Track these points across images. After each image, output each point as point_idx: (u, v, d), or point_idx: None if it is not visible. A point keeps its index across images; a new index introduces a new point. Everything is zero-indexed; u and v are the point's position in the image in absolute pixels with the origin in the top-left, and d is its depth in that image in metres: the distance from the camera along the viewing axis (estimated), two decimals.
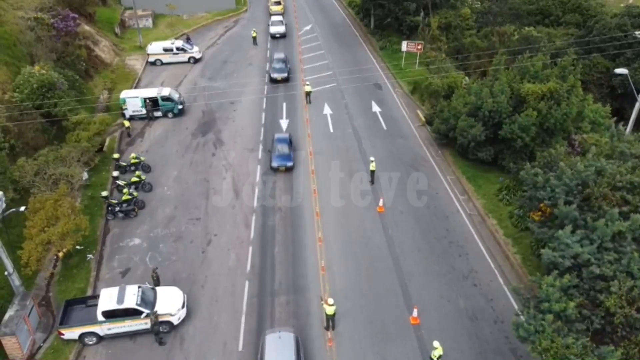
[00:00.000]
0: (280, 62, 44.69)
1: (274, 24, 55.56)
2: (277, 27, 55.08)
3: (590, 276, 15.41)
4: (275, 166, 32.29)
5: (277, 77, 43.42)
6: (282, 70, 43.96)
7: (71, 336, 21.25)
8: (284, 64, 44.55)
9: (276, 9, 61.25)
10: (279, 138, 34.13)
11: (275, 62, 45.14)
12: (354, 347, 21.40)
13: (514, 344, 21.47)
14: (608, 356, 13.90)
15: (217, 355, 21.16)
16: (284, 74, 43.65)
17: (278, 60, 45.24)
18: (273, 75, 43.63)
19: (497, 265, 25.56)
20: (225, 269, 25.37)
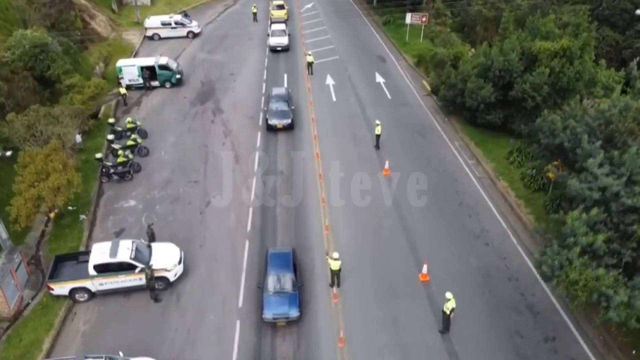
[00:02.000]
0: (281, 102, 32.36)
1: (274, 34, 44.42)
2: (278, 38, 44.17)
3: (620, 209, 14.25)
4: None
5: (276, 123, 31.33)
6: (284, 114, 31.70)
7: (61, 292, 20.04)
8: (285, 103, 32.28)
9: (278, 15, 51.02)
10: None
11: (274, 100, 32.44)
12: (361, 304, 20.21)
13: (530, 301, 20.35)
14: None
15: (216, 311, 19.97)
16: (286, 119, 31.49)
17: (278, 98, 32.63)
18: (271, 121, 31.35)
19: (510, 226, 24.37)
20: (225, 229, 24.17)
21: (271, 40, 44.26)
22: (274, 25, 46.38)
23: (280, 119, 31.42)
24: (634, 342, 18.19)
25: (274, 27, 45.82)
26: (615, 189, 14.38)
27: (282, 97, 31.80)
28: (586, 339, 18.74)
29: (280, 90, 32.34)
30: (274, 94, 32.33)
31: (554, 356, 18.15)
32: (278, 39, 44.07)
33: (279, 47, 43.95)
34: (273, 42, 44.10)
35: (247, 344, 18.63)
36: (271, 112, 30.96)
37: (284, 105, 32.09)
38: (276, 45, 43.97)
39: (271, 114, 30.96)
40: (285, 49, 43.92)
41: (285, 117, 31.61)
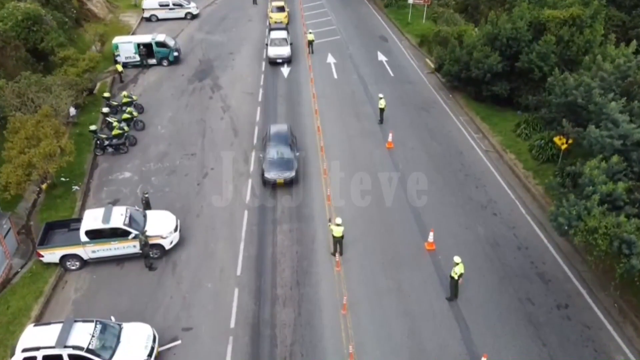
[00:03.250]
0: (282, 145, 24.48)
1: (274, 44, 37.15)
2: (278, 48, 36.83)
3: None
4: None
5: (274, 177, 23.33)
6: (286, 164, 23.65)
7: (51, 259, 19.17)
8: (288, 148, 24.36)
9: (278, 18, 44.07)
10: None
11: (273, 142, 24.69)
12: (365, 272, 19.36)
13: (541, 269, 19.49)
14: None
15: (214, 280, 19.11)
16: (288, 172, 23.46)
17: (278, 139, 24.85)
18: (268, 174, 23.35)
19: (518, 197, 23.51)
20: (224, 202, 23.27)
21: (270, 51, 36.98)
22: (273, 32, 38.50)
23: (281, 170, 23.36)
24: None
25: (273, 35, 38.08)
26: (637, 136, 13.52)
27: (283, 137, 24.94)
28: (600, 306, 17.90)
29: (281, 128, 25.79)
30: (272, 132, 25.35)
31: (567, 323, 17.30)
32: (278, 50, 36.98)
33: (279, 59, 36.72)
34: (272, 53, 36.83)
35: (246, 311, 17.78)
36: (269, 162, 23.57)
37: (285, 150, 24.16)
38: (276, 57, 36.69)
39: (269, 164, 23.47)
40: (287, 61, 37.05)
41: (287, 167, 23.50)
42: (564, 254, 20.11)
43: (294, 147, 25.09)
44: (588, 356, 16.19)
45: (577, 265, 19.61)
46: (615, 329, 17.07)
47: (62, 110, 25.44)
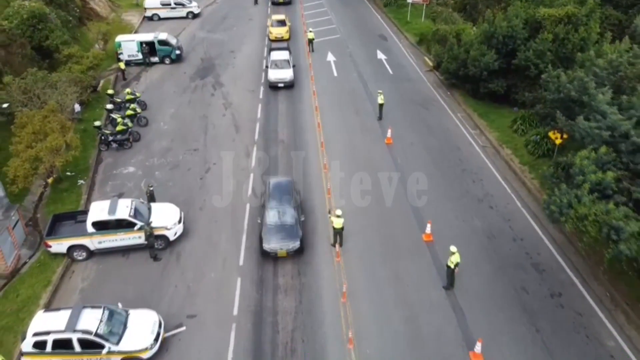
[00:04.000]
0: (285, 204, 20.79)
1: (274, 66, 33.33)
2: (280, 71, 32.99)
3: (630, 149, 13.92)
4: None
5: (276, 248, 19.41)
6: (289, 232, 19.80)
7: (59, 249, 19.69)
8: (291, 210, 20.50)
9: (279, 33, 40.53)
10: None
11: (274, 201, 20.89)
12: (364, 262, 19.88)
13: (535, 260, 20.02)
14: None
15: (217, 269, 19.63)
16: (292, 241, 19.64)
17: (279, 197, 21.05)
18: (268, 244, 19.47)
19: (514, 190, 24.04)
20: (225, 194, 23.78)
21: (271, 75, 32.90)
22: (274, 53, 34.77)
23: (283, 239, 19.50)
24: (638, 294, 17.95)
25: (274, 56, 34.35)
26: (624, 128, 14.05)
27: (285, 195, 21.01)
28: (593, 295, 18.42)
29: (283, 183, 21.82)
30: (272, 187, 21.41)
31: (561, 311, 17.82)
32: (279, 73, 32.83)
33: (280, 83, 32.77)
34: (273, 77, 32.78)
35: (248, 299, 18.29)
36: (268, 228, 19.75)
37: (288, 213, 20.26)
38: (277, 81, 32.71)
39: (268, 232, 19.65)
40: (289, 85, 33.33)
41: (291, 235, 19.60)
42: (558, 245, 20.65)
43: (299, 208, 21.10)
44: (580, 342, 16.71)
45: (571, 256, 20.14)
46: (607, 316, 17.60)
47: (67, 106, 25.96)
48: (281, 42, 39.84)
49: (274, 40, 40.58)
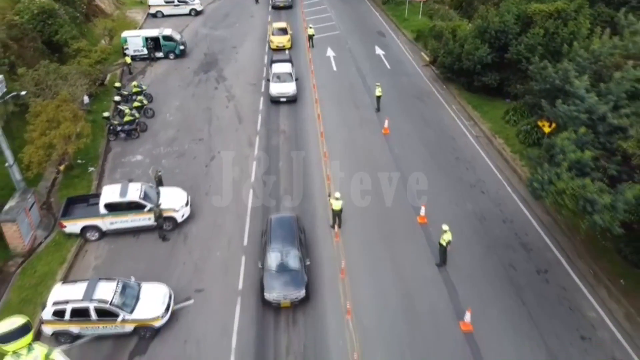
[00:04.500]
0: (287, 245, 18.67)
1: (276, 79, 31.77)
2: (282, 85, 31.42)
3: (607, 130, 15.04)
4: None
5: (276, 298, 17.54)
6: (294, 278, 17.89)
7: (73, 229, 20.82)
8: (295, 251, 18.50)
9: (280, 42, 38.96)
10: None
11: (275, 243, 18.75)
12: (361, 242, 21.00)
13: (523, 240, 21.18)
14: (627, 191, 13.51)
15: (222, 249, 20.76)
16: (296, 291, 17.67)
17: (281, 237, 18.91)
18: (270, 293, 17.57)
19: (505, 177, 25.19)
20: (229, 181, 24.90)
21: (272, 89, 31.28)
22: (275, 66, 32.77)
23: (286, 287, 17.54)
24: (623, 273, 19.09)
25: (275, 68, 32.40)
26: (602, 110, 15.17)
27: (288, 234, 18.95)
28: (577, 271, 19.57)
29: (286, 220, 19.86)
30: (274, 226, 19.40)
31: (546, 285, 18.97)
32: (282, 87, 31.29)
33: (282, 97, 31.26)
34: (275, 91, 31.18)
35: (252, 276, 19.37)
36: (269, 275, 17.85)
37: (291, 256, 18.27)
38: (279, 96, 31.19)
39: (269, 279, 17.76)
40: (292, 100, 31.86)
41: (295, 283, 17.64)
42: (546, 227, 21.80)
43: (304, 249, 19.10)
44: (563, 313, 17.85)
45: (557, 236, 21.30)
46: (590, 291, 18.75)
47: (78, 97, 27.05)
48: (283, 53, 36.97)
49: (275, 50, 38.86)
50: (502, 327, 17.34)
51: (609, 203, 13.36)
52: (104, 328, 16.63)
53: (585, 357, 16.36)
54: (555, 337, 16.97)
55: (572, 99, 16.14)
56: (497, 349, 16.59)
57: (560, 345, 16.73)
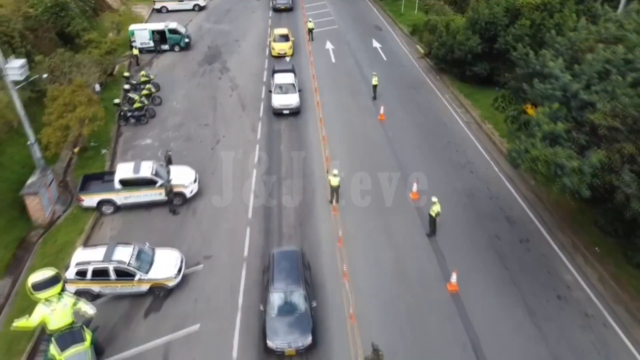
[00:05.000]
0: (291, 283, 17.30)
1: (279, 90, 30.62)
2: (284, 96, 30.32)
3: (579, 105, 16.65)
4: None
5: (280, 346, 16.09)
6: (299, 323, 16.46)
7: (90, 203, 22.42)
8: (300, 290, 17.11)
9: (281, 49, 38.03)
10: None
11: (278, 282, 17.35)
12: (358, 216, 22.60)
13: (507, 213, 22.81)
14: (592, 156, 15.13)
15: (228, 221, 22.36)
16: (302, 337, 16.20)
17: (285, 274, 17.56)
18: (272, 341, 16.14)
19: (493, 159, 26.81)
20: (234, 161, 26.49)
21: (275, 101, 30.13)
22: (277, 76, 31.67)
23: (291, 334, 16.13)
24: (598, 242, 20.73)
25: (277, 79, 31.32)
26: (574, 88, 16.77)
27: (293, 271, 17.60)
28: (556, 241, 21.20)
29: (290, 255, 18.53)
30: (276, 261, 18.10)
31: (527, 253, 20.60)
32: (284, 99, 30.15)
33: (285, 109, 30.08)
34: (277, 103, 30.05)
35: (256, 245, 21.01)
36: (271, 319, 16.50)
37: (296, 294, 16.86)
38: (282, 108, 30.00)
39: (272, 323, 16.39)
40: (295, 112, 30.62)
41: (300, 328, 16.24)
42: (529, 203, 23.44)
43: (310, 290, 17.46)
44: (542, 277, 19.48)
45: (540, 211, 22.93)
46: (567, 258, 20.38)
47: (90, 84, 28.67)
48: (285, 62, 36.12)
49: (277, 57, 38.19)
50: (486, 288, 18.96)
51: (577, 166, 14.97)
52: (122, 288, 18.24)
53: (561, 313, 17.98)
54: (534, 297, 18.60)
55: (549, 79, 17.75)
56: (480, 306, 18.21)
57: (539, 303, 18.35)
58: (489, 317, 17.82)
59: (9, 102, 25.45)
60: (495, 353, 16.55)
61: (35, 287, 14.87)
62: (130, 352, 16.75)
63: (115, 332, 17.44)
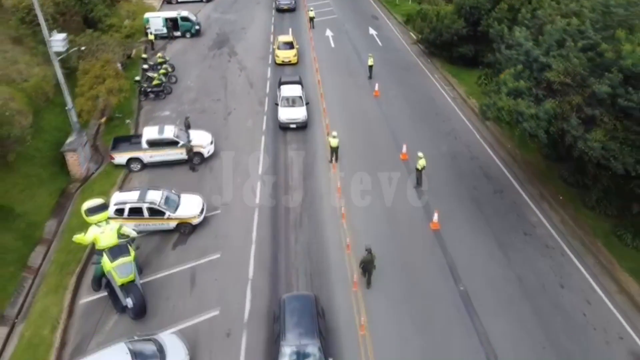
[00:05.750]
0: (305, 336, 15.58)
1: (285, 103, 29.49)
2: (291, 109, 29.22)
3: (539, 67, 19.85)
4: None
5: None
6: None
7: (120, 161, 25.66)
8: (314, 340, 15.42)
9: (286, 56, 37.05)
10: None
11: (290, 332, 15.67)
12: (353, 170, 25.82)
13: (485, 171, 26.11)
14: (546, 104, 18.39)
15: (242, 177, 25.57)
16: None
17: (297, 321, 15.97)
18: None
19: (475, 127, 30.08)
20: (244, 129, 29.76)
21: (281, 114, 28.95)
22: (284, 88, 30.45)
23: None
24: (562, 192, 24.02)
25: (284, 91, 30.13)
26: (535, 53, 20.00)
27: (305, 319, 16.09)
28: (526, 192, 24.49)
29: (301, 301, 16.94)
30: (287, 306, 16.59)
31: (501, 201, 23.88)
32: (291, 112, 29.00)
33: (292, 123, 28.86)
34: (284, 117, 28.87)
35: (267, 194, 24.23)
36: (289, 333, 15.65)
37: (311, 350, 15.31)
38: (289, 122, 28.81)
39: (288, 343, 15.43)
40: (303, 126, 29.36)
41: None
42: (505, 163, 26.72)
43: (324, 342, 15.68)
44: (512, 219, 22.75)
45: (514, 169, 26.20)
46: (535, 205, 23.65)
47: (115, 62, 31.89)
48: (291, 74, 34.53)
49: (281, 65, 37.35)
50: (463, 227, 22.23)
51: (534, 113, 18.20)
52: (154, 224, 21.47)
53: (526, 245, 21.26)
54: (504, 233, 21.88)
55: (515, 46, 21.01)
56: (458, 241, 21.47)
57: (508, 238, 21.63)
58: (464, 248, 21.10)
59: (44, 76, 28.86)
60: (469, 274, 19.82)
61: (89, 211, 18.13)
62: (163, 274, 20.00)
63: (149, 260, 20.67)
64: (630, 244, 20.34)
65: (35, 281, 19.89)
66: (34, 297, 19.13)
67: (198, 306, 18.55)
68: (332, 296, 18.87)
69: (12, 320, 18.18)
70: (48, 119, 27.80)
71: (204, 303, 18.65)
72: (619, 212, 21.97)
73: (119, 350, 15.42)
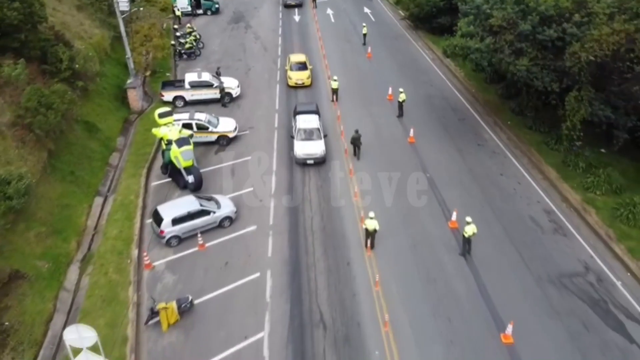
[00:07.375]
0: None
1: (302, 136, 27.17)
2: (308, 143, 26.83)
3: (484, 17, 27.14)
4: None
5: None
6: None
7: (168, 98, 32.90)
8: None
9: (299, 78, 34.88)
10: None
11: None
12: (350, 106, 33.10)
13: (453, 107, 33.48)
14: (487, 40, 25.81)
15: (262, 110, 32.88)
16: None
17: None
18: None
19: (449, 79, 37.43)
20: (263, 80, 37.06)
21: (298, 149, 26.58)
22: (300, 119, 28.09)
23: None
24: (511, 119, 31.38)
25: (300, 122, 27.81)
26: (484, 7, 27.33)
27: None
28: (483, 119, 31.81)
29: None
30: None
31: (463, 126, 31.16)
32: (308, 147, 26.66)
33: (310, 159, 26.44)
34: (301, 152, 26.48)
35: (284, 119, 31.51)
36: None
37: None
38: (306, 157, 26.43)
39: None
40: (321, 161, 26.84)
41: None
42: (469, 102, 34.05)
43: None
44: (470, 135, 30.06)
45: (476, 106, 33.53)
46: (489, 128, 30.97)
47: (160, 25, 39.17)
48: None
49: (293, 87, 35.31)
50: (432, 141, 29.49)
51: (477, 46, 25.53)
52: (200, 137, 28.68)
53: (478, 151, 28.56)
54: (463, 144, 29.16)
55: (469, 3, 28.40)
56: (427, 149, 28.67)
57: (465, 147, 28.91)
58: (432, 154, 28.37)
59: (102, 36, 36.11)
60: (434, 168, 27.06)
61: (160, 115, 25.39)
62: (210, 169, 27.25)
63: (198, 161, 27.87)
64: (553, 148, 27.66)
65: (116, 173, 27.13)
66: (118, 181, 26.39)
67: (238, 186, 25.80)
68: None
69: (105, 194, 25.41)
70: (108, 68, 35.03)
71: (242, 184, 25.90)
72: (550, 129, 29.26)
73: (191, 199, 22.69)
